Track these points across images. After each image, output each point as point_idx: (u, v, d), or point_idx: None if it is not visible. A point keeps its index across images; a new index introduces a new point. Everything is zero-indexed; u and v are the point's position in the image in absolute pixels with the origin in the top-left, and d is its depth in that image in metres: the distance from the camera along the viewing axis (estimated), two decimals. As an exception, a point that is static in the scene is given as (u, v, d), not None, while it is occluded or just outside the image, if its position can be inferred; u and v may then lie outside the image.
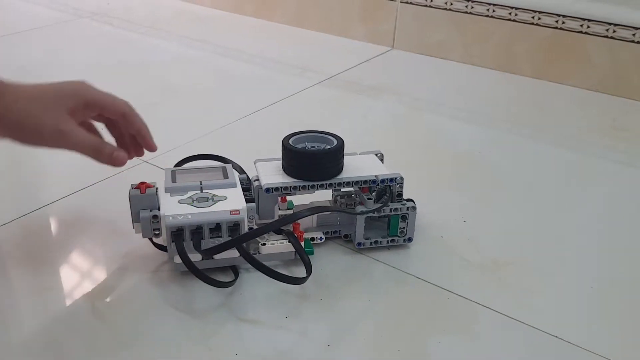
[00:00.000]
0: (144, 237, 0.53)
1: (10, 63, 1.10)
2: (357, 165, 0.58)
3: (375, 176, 0.56)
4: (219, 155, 0.66)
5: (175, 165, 0.64)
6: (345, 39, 1.27)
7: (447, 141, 0.84)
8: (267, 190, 0.54)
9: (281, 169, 0.57)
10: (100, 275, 0.55)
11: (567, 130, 0.88)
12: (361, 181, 0.56)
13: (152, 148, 0.57)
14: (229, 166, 0.60)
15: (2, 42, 1.22)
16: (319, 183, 0.55)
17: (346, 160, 0.58)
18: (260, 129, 0.86)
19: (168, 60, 1.14)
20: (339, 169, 0.56)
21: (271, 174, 0.56)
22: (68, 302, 0.51)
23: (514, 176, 0.75)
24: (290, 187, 0.55)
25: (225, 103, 0.95)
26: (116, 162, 0.52)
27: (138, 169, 0.72)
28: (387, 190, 0.58)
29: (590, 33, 1.00)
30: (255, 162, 0.59)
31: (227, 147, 0.76)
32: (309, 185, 0.55)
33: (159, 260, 0.56)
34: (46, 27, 1.33)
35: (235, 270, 0.54)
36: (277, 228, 0.53)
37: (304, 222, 0.59)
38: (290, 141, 0.56)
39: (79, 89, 0.53)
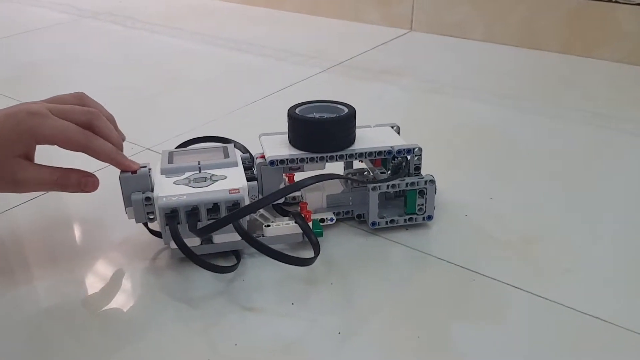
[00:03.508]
0: (137, 222, 0.49)
1: (22, 59, 1.08)
2: (371, 137, 0.53)
3: (391, 147, 0.51)
4: (222, 137, 0.62)
5: (176, 148, 0.59)
6: (360, 23, 1.22)
7: (470, 120, 0.78)
8: (272, 162, 0.49)
9: (288, 141, 0.52)
10: (93, 266, 0.51)
11: (596, 105, 0.82)
12: (375, 152, 0.51)
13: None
14: (230, 145, 0.55)
15: (13, 40, 1.20)
16: (329, 154, 0.50)
17: (359, 132, 0.53)
18: (269, 113, 0.81)
19: (177, 54, 1.10)
20: (351, 139, 0.51)
21: (276, 147, 0.51)
22: (58, 295, 0.47)
23: (540, 153, 0.69)
24: (297, 159, 0.50)
25: (232, 91, 0.91)
26: (87, 189, 0.48)
27: (140, 157, 0.68)
28: (403, 162, 0.52)
29: (621, 1, 0.94)
30: (259, 136, 0.54)
31: (234, 131, 0.72)
32: (317, 157, 0.50)
33: (156, 247, 0.52)
34: (56, 25, 1.31)
35: (237, 254, 0.50)
36: (279, 199, 0.48)
37: (313, 202, 0.54)
38: (297, 111, 0.51)
39: (28, 129, 0.45)
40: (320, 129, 0.49)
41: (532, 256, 0.50)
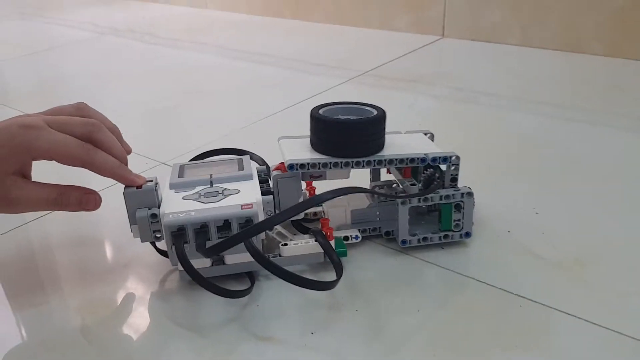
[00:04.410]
0: (142, 241, 0.44)
1: (45, 75, 1.06)
2: (402, 143, 0.48)
3: (425, 154, 0.46)
4: (238, 149, 0.57)
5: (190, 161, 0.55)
6: (388, 31, 1.17)
7: (509, 129, 0.72)
8: (291, 166, 0.44)
9: (309, 145, 0.47)
10: (95, 289, 0.46)
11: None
12: (407, 159, 0.45)
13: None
14: (245, 157, 0.51)
15: (38, 57, 1.19)
16: (355, 160, 0.45)
17: (388, 138, 0.47)
18: (290, 124, 0.76)
19: (199, 68, 1.07)
20: (379, 144, 0.46)
21: (297, 151, 0.46)
22: (55, 322, 0.43)
23: (590, 163, 0.62)
24: (319, 163, 0.45)
25: (254, 103, 0.86)
26: (88, 207, 0.44)
27: (153, 172, 0.64)
28: (436, 172, 0.47)
29: (671, -1, 0.87)
30: (279, 140, 0.49)
31: (254, 142, 0.67)
32: (342, 163, 0.45)
33: (164, 268, 0.47)
34: (78, 42, 1.30)
35: (251, 276, 0.45)
36: (296, 214, 0.43)
37: (335, 218, 0.49)
38: (321, 111, 0.46)
39: (23, 143, 0.41)
40: (346, 131, 0.44)
41: (584, 278, 0.44)
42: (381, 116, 0.45)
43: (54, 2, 1.90)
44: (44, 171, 0.46)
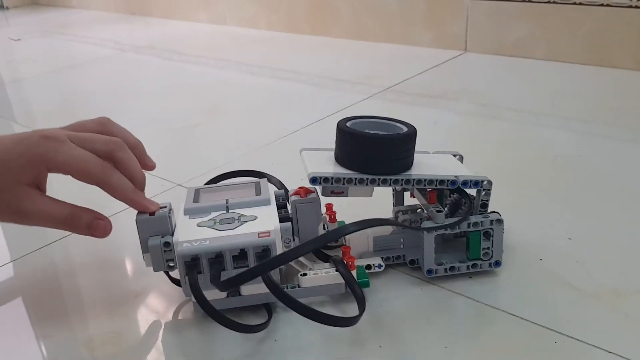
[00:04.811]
0: (155, 270, 0.43)
1: (68, 92, 1.06)
2: (431, 163, 0.45)
3: (455, 176, 0.43)
4: (256, 170, 0.55)
5: (205, 185, 0.53)
6: (410, 46, 1.15)
7: (537, 146, 0.69)
8: (314, 180, 0.41)
9: (333, 159, 0.45)
10: (104, 321, 0.44)
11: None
12: (436, 180, 0.43)
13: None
14: (263, 181, 0.49)
15: (61, 74, 1.19)
16: (381, 178, 0.42)
17: (417, 157, 0.45)
18: (312, 142, 0.74)
19: (219, 84, 1.06)
20: (408, 163, 0.44)
21: (320, 164, 0.44)
22: (62, 356, 0.41)
23: (626, 184, 0.59)
24: (344, 178, 0.42)
25: (274, 121, 0.85)
26: (97, 233, 0.42)
27: (169, 194, 0.62)
28: (463, 197, 0.44)
29: None
30: (301, 151, 0.47)
31: (273, 162, 0.66)
32: (367, 179, 0.42)
33: (178, 299, 0.45)
34: (99, 59, 1.30)
35: (269, 309, 0.42)
36: (318, 248, 0.40)
37: (357, 246, 0.46)
38: (348, 124, 0.44)
39: (40, 154, 0.41)
40: (375, 147, 0.42)
41: (625, 311, 0.41)
42: (412, 133, 0.43)
43: (76, 20, 1.91)
44: (60, 190, 0.45)
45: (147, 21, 1.75)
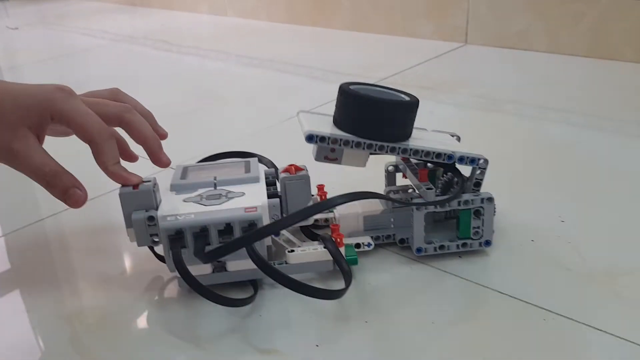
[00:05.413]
0: (139, 245, 0.42)
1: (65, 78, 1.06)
2: (429, 138, 0.45)
3: (452, 151, 0.42)
4: (247, 152, 0.55)
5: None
6: (410, 38, 1.14)
7: (534, 136, 0.68)
8: (310, 137, 0.40)
9: (331, 122, 0.44)
10: (88, 298, 0.44)
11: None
12: (433, 152, 0.42)
13: (162, 163, 0.45)
14: (253, 160, 0.48)
15: (57, 61, 1.19)
16: (378, 144, 0.41)
17: (415, 131, 0.44)
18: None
19: (215, 74, 1.06)
20: (407, 133, 0.43)
21: (318, 124, 0.43)
22: (45, 332, 0.40)
23: (620, 172, 0.58)
24: (341, 139, 0.41)
25: (269, 109, 0.84)
26: (70, 201, 0.41)
27: (164, 174, 0.62)
28: (456, 176, 0.44)
29: None
30: (298, 113, 0.46)
31: (267, 146, 0.65)
32: (365, 144, 0.41)
33: (164, 275, 0.45)
34: (95, 48, 1.30)
35: (255, 284, 0.42)
36: (305, 219, 0.40)
37: (348, 226, 0.46)
38: (351, 87, 0.43)
39: (48, 100, 0.41)
40: (376, 110, 0.41)
41: (616, 291, 0.40)
42: (414, 103, 0.42)
43: (76, 11, 1.91)
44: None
45: (148, 12, 1.75)
